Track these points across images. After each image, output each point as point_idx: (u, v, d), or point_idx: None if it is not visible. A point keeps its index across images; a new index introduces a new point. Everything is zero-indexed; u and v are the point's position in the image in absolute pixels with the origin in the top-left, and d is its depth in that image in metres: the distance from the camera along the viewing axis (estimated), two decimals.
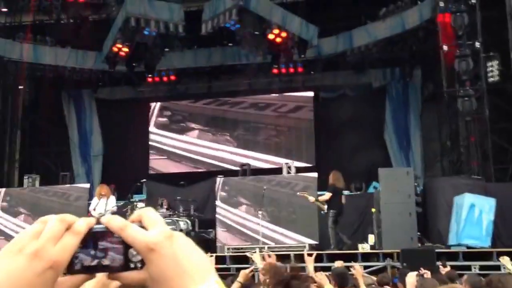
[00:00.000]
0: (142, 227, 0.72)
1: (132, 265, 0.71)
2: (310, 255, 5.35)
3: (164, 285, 0.70)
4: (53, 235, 0.68)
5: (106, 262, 0.71)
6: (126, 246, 0.71)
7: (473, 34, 11.85)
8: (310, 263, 4.98)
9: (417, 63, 14.78)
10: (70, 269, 0.70)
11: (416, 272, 4.30)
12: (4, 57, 13.88)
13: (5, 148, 15.29)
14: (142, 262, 0.71)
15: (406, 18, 12.78)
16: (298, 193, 10.79)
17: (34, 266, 0.67)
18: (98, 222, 0.72)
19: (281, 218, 11.45)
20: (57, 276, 0.68)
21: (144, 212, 0.74)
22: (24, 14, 14.70)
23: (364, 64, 14.27)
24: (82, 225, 0.70)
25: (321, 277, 4.56)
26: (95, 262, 0.71)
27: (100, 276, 0.74)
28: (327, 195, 10.10)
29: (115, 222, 0.71)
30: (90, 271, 0.71)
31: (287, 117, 15.94)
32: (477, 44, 11.83)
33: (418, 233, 10.49)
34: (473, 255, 9.49)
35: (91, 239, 0.70)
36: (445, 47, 12.26)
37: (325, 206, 10.21)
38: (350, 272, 5.31)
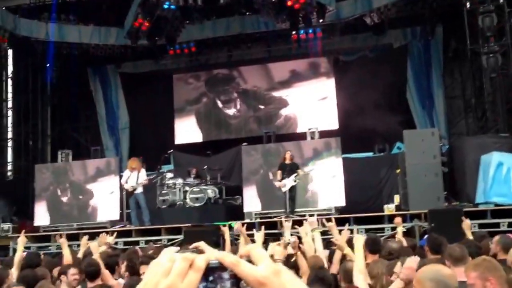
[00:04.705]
0: (250, 261, 0.81)
1: None
2: (329, 220, 5.20)
3: None
4: (180, 272, 0.78)
5: None
6: (238, 279, 0.80)
7: None
8: (333, 229, 4.90)
9: (438, 21, 14.53)
10: None
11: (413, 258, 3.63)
12: (31, 37, 14.22)
13: (37, 125, 15.86)
14: None
15: None
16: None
17: None
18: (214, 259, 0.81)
19: (307, 183, 11.63)
20: None
21: (253, 249, 0.84)
22: None
23: (384, 25, 14.13)
24: (202, 262, 0.79)
25: (341, 241, 4.59)
26: None
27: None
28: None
29: (228, 259, 0.80)
30: None
31: (307, 82, 15.97)
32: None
33: (445, 193, 10.53)
34: (501, 212, 9.51)
35: (209, 274, 0.79)
36: (467, 4, 12.07)
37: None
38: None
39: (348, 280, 3.80)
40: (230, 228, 7.30)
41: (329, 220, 5.10)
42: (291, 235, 5.79)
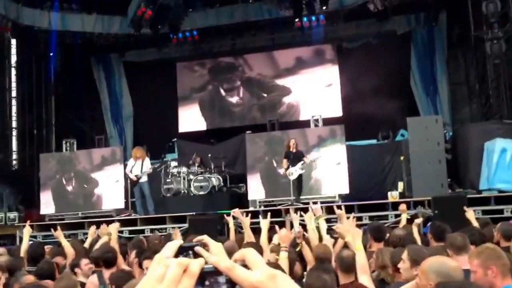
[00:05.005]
0: (245, 265, 0.81)
1: None
2: (339, 207, 5.25)
3: None
4: (174, 278, 0.77)
5: None
6: (233, 284, 0.79)
7: None
8: (343, 217, 4.84)
9: (442, 7, 14.46)
10: None
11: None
12: (34, 26, 14.22)
13: (41, 114, 15.93)
14: None
15: None
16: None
17: None
18: (208, 263, 0.81)
19: (311, 170, 11.64)
20: None
21: (247, 253, 0.83)
22: None
23: (387, 11, 14.04)
24: (196, 267, 0.78)
25: (342, 229, 4.50)
26: None
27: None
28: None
29: (223, 264, 0.80)
30: None
31: (312, 70, 15.95)
32: None
33: (449, 180, 10.53)
34: (505, 199, 9.48)
35: (203, 278, 0.79)
36: None
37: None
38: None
39: (343, 268, 3.75)
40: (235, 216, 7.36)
41: (339, 207, 5.08)
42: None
